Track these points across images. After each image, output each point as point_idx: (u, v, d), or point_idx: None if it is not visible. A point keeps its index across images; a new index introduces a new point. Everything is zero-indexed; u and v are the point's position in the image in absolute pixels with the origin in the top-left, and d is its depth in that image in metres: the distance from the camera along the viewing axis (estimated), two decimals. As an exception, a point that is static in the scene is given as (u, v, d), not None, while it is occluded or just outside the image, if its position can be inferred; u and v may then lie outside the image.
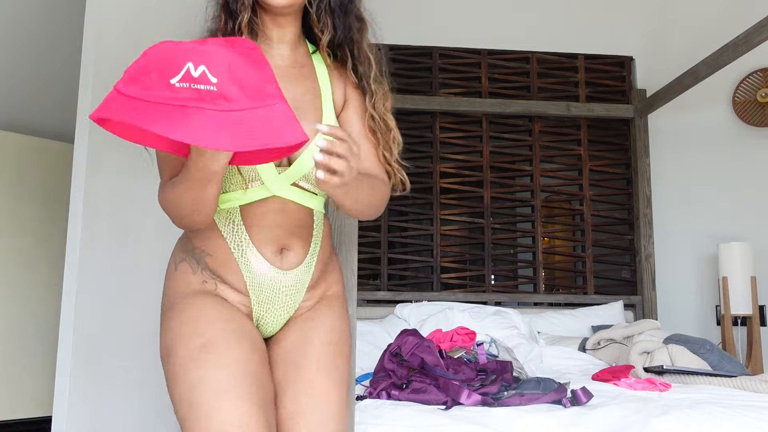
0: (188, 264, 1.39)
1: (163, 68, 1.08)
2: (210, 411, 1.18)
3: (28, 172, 3.89)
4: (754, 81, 3.78)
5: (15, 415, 3.71)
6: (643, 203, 3.88)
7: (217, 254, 1.35)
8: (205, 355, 1.23)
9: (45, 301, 3.91)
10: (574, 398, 1.90)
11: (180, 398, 1.23)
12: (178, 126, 1.00)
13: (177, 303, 1.34)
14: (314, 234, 1.41)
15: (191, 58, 1.07)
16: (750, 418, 1.77)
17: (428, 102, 3.86)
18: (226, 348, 1.25)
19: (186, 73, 1.06)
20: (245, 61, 1.09)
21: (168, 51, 1.10)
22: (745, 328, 3.49)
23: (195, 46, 1.09)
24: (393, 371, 2.11)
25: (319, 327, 1.41)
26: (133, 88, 1.09)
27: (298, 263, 1.38)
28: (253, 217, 1.34)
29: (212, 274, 1.36)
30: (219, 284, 1.36)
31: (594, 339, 3.12)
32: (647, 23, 4.15)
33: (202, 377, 1.21)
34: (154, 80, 1.08)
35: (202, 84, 1.05)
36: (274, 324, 1.41)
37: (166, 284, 1.42)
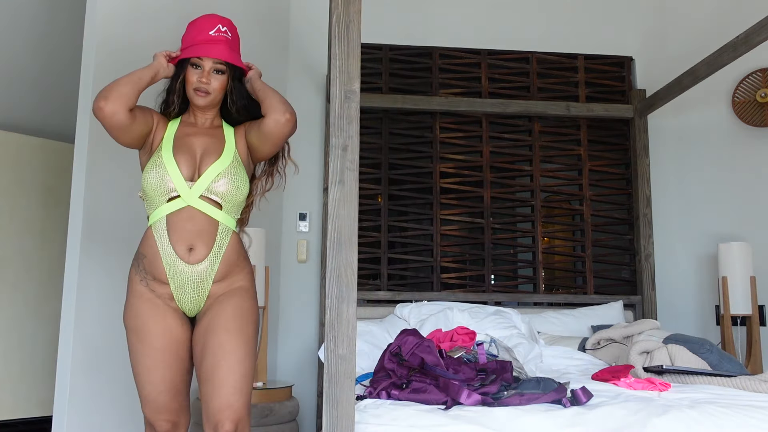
0: (134, 267, 2.04)
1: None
2: (143, 380, 1.98)
3: (28, 172, 3.89)
4: (753, 81, 3.78)
5: (15, 415, 3.71)
6: (643, 203, 3.88)
7: (149, 255, 1.99)
8: (140, 345, 1.97)
9: (45, 301, 3.91)
10: (573, 398, 1.90)
11: (131, 364, 2.01)
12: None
13: (128, 297, 2.03)
14: (217, 240, 2.00)
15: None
16: (749, 418, 1.77)
17: (428, 102, 3.86)
18: (149, 345, 1.96)
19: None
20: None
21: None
22: (745, 327, 3.49)
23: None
24: (393, 371, 2.11)
25: (227, 305, 1.98)
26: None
27: (202, 259, 1.98)
28: (171, 224, 1.97)
29: (145, 273, 2.00)
30: (150, 281, 2.00)
31: (594, 339, 3.12)
32: (647, 23, 4.16)
33: (138, 359, 1.98)
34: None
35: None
36: (191, 304, 2.01)
37: (128, 283, 2.07)
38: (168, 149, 2.01)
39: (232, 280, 2.03)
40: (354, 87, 1.74)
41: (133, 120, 1.96)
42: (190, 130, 2.08)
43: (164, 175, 1.97)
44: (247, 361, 1.93)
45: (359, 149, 1.74)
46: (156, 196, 1.98)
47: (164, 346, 1.97)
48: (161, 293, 1.99)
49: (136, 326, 1.98)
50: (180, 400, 2.02)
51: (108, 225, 2.99)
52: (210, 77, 2.02)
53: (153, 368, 1.96)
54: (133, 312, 1.99)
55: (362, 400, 1.94)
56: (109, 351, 2.94)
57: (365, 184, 3.84)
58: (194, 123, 2.11)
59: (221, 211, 2.00)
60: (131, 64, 3.10)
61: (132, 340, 1.99)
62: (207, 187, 1.98)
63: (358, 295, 3.71)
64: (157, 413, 1.99)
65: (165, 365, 1.96)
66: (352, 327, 1.65)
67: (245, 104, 2.10)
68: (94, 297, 2.90)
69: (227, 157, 2.03)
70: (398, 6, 4.08)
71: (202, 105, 2.06)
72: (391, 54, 4.01)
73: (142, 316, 1.98)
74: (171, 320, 1.99)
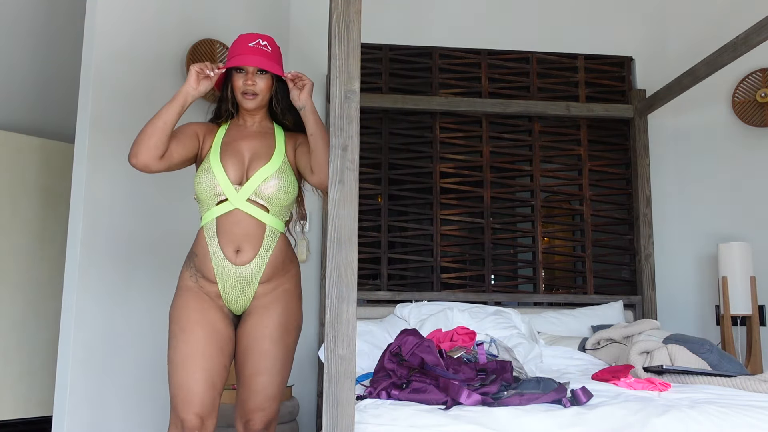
0: (186, 264, 2.13)
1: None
2: (179, 368, 1.98)
3: (28, 172, 3.89)
4: (753, 81, 3.78)
5: (15, 415, 3.71)
6: (643, 203, 3.88)
7: (200, 254, 2.08)
8: (181, 333, 2.01)
9: (45, 301, 3.91)
10: (573, 398, 1.90)
11: (168, 356, 2.02)
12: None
13: (177, 292, 2.11)
14: (264, 242, 2.08)
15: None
16: (749, 418, 1.77)
17: (428, 102, 3.86)
18: (191, 333, 2.00)
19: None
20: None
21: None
22: (745, 327, 3.49)
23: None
24: (393, 371, 2.11)
25: (273, 312, 2.08)
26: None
27: (249, 261, 2.06)
28: (221, 227, 2.06)
29: (196, 271, 2.09)
30: (199, 279, 2.09)
31: (594, 339, 3.12)
32: (647, 23, 4.15)
33: (177, 346, 2.00)
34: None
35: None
36: (237, 304, 2.09)
37: (179, 278, 2.15)
38: (216, 154, 2.09)
39: (278, 281, 2.11)
40: (354, 87, 1.74)
41: (170, 159, 2.07)
42: (239, 133, 2.17)
43: (212, 179, 2.05)
44: (284, 371, 2.08)
45: (359, 149, 1.74)
46: (206, 200, 2.08)
47: (206, 336, 2.00)
48: (209, 291, 2.08)
49: (180, 316, 2.03)
50: (213, 396, 2.00)
51: (108, 225, 2.99)
52: (255, 79, 2.13)
53: (192, 356, 1.97)
54: (180, 303, 2.05)
55: (362, 400, 1.94)
56: (109, 351, 2.94)
57: (365, 184, 3.84)
58: (243, 126, 2.20)
59: (268, 214, 2.08)
60: (131, 64, 3.11)
61: (174, 330, 2.02)
62: (254, 190, 2.06)
63: (358, 295, 3.71)
64: (188, 405, 1.95)
65: (204, 355, 1.98)
66: (352, 327, 1.65)
67: (290, 105, 2.20)
68: (94, 297, 2.90)
69: (276, 161, 2.11)
70: (398, 6, 4.08)
71: (251, 107, 2.16)
72: (391, 54, 4.01)
73: (188, 307, 2.03)
74: (215, 315, 2.05)
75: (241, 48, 2.13)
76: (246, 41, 2.14)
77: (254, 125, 2.20)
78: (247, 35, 2.16)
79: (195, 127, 2.18)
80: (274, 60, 2.16)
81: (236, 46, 2.15)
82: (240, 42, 2.15)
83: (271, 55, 2.16)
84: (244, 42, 2.14)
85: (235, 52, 2.14)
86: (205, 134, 2.17)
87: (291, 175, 2.12)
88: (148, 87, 3.19)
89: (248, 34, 2.16)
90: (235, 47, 2.15)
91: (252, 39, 2.15)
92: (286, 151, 2.16)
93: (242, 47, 2.13)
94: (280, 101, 2.19)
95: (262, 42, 2.15)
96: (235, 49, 2.14)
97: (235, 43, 2.16)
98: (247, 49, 2.12)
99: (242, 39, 2.15)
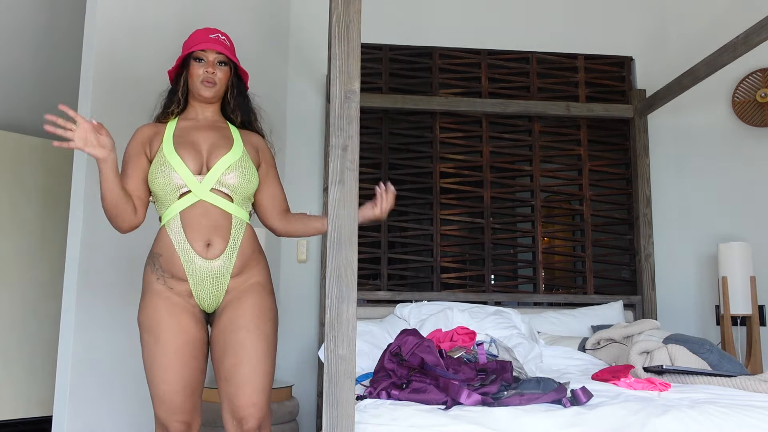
0: (150, 267, 2.03)
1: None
2: (157, 379, 1.95)
3: (28, 172, 3.89)
4: (753, 81, 3.78)
5: (15, 415, 3.71)
6: (643, 203, 3.88)
7: (165, 254, 2.00)
8: (155, 344, 1.96)
9: (45, 301, 3.90)
10: (573, 398, 1.90)
11: (144, 364, 1.99)
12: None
13: (144, 296, 2.03)
14: (232, 233, 2.02)
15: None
16: (749, 418, 1.77)
17: (428, 102, 3.86)
18: (165, 343, 1.96)
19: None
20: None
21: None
22: (745, 327, 3.49)
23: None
24: (393, 371, 2.11)
25: (245, 304, 2.01)
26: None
27: (219, 254, 2.00)
28: (186, 221, 1.99)
29: (163, 272, 2.00)
30: (168, 279, 2.00)
31: (594, 339, 3.12)
32: (647, 23, 4.16)
33: (153, 358, 1.96)
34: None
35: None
36: (210, 300, 2.03)
37: (143, 280, 2.07)
38: (169, 147, 2.02)
39: (249, 274, 2.06)
40: (354, 87, 1.74)
41: (143, 199, 2.06)
42: (191, 124, 2.12)
43: (170, 172, 1.98)
44: (267, 359, 1.99)
45: (359, 149, 1.75)
46: (165, 195, 2.01)
47: (180, 345, 1.96)
48: (180, 290, 2.00)
49: (151, 325, 1.97)
50: (194, 400, 2.01)
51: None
52: (215, 68, 2.11)
53: (169, 367, 1.94)
54: (149, 310, 1.99)
55: (362, 400, 1.94)
56: (109, 351, 2.94)
57: (365, 184, 3.84)
58: (195, 118, 2.15)
59: (233, 204, 2.03)
60: (131, 64, 3.11)
61: (147, 339, 1.98)
62: (218, 179, 2.01)
63: (358, 295, 3.71)
64: (171, 414, 1.96)
65: (181, 364, 1.95)
66: (352, 327, 1.65)
67: (243, 100, 2.20)
68: (94, 297, 2.90)
69: (237, 150, 2.07)
70: (398, 6, 4.08)
71: (209, 96, 2.11)
72: (391, 54, 4.01)
73: (158, 314, 1.97)
74: (187, 320, 1.99)
75: (200, 37, 2.12)
76: (206, 33, 2.15)
77: (207, 118, 2.16)
78: (205, 29, 2.17)
79: (135, 145, 2.09)
80: (232, 53, 2.17)
81: (195, 36, 2.14)
82: (199, 34, 2.15)
83: (230, 48, 2.18)
84: (204, 34, 2.14)
85: (194, 41, 2.13)
86: (151, 139, 2.10)
87: (252, 167, 2.08)
88: (148, 87, 3.19)
89: (206, 28, 2.17)
90: (194, 38, 2.14)
91: (212, 32, 2.16)
92: (245, 145, 2.13)
93: (202, 37, 2.12)
94: (234, 95, 2.18)
95: (221, 36, 2.16)
96: (194, 39, 2.14)
97: (193, 35, 2.16)
98: (207, 39, 2.11)
99: (201, 31, 2.16)
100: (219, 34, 2.15)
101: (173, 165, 1.99)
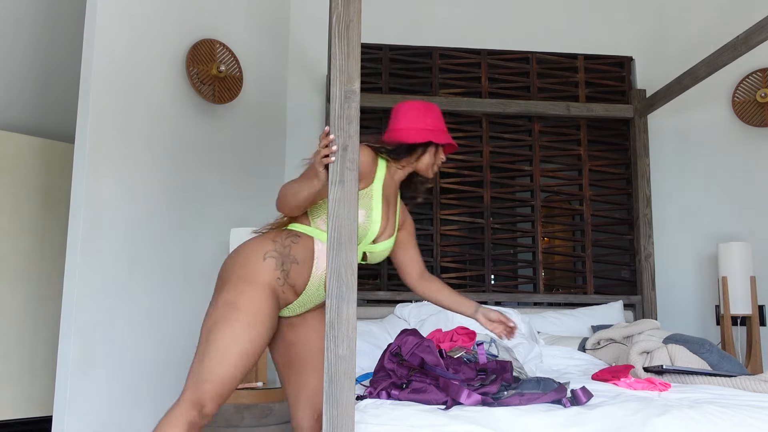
0: (275, 261, 1.97)
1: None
2: (232, 361, 1.86)
3: (28, 172, 3.89)
4: (753, 81, 3.78)
5: (15, 415, 3.71)
6: (643, 203, 3.88)
7: (301, 264, 1.99)
8: (250, 331, 1.89)
9: (45, 301, 3.90)
10: (573, 398, 1.90)
11: (220, 341, 1.87)
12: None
13: (256, 282, 1.94)
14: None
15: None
16: (749, 418, 1.77)
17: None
18: (258, 335, 1.91)
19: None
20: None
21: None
22: (745, 327, 3.49)
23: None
24: (393, 371, 2.11)
25: (317, 328, 2.13)
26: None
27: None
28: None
29: (287, 276, 1.98)
30: (285, 284, 1.98)
31: (594, 339, 3.12)
32: (647, 23, 4.15)
33: (239, 341, 1.87)
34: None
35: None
36: (290, 313, 2.08)
37: (250, 262, 1.98)
38: (378, 199, 2.06)
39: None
40: (354, 87, 1.74)
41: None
42: (390, 184, 2.17)
43: (368, 226, 2.03)
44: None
45: (359, 149, 1.74)
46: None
47: (265, 343, 1.95)
48: (285, 299, 2.02)
49: (251, 311, 1.90)
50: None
51: (108, 225, 2.99)
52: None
53: (249, 356, 1.89)
54: (255, 299, 1.92)
55: (362, 400, 1.94)
56: (109, 351, 2.94)
57: (365, 184, 3.83)
58: (391, 177, 2.18)
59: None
60: (131, 64, 3.11)
61: (239, 321, 1.89)
62: (374, 248, 2.11)
63: (358, 295, 3.71)
64: (219, 396, 1.88)
65: (256, 359, 1.93)
66: (352, 327, 1.65)
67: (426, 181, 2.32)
68: (94, 297, 2.90)
69: (394, 235, 2.19)
70: (398, 6, 4.08)
71: (430, 177, 2.25)
72: (391, 54, 4.01)
73: (262, 307, 1.92)
74: (276, 324, 2.02)
75: (442, 123, 2.20)
76: (441, 116, 2.22)
77: (397, 182, 2.21)
78: (438, 111, 2.21)
79: (368, 160, 2.06)
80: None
81: (436, 117, 2.18)
82: (438, 115, 2.20)
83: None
84: (441, 117, 2.21)
85: (439, 125, 2.18)
86: (370, 168, 2.07)
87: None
88: (148, 87, 3.19)
89: (437, 108, 2.21)
90: (436, 118, 2.18)
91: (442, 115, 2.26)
92: (399, 219, 2.25)
93: (442, 123, 2.20)
94: (424, 181, 2.30)
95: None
96: (438, 121, 2.19)
97: (432, 112, 2.18)
98: (446, 128, 2.22)
99: (438, 112, 2.20)
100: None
101: (374, 219, 2.03)
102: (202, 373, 1.85)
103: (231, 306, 1.90)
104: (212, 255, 3.44)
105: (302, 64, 4.00)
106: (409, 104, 2.18)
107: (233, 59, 3.52)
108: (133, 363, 3.04)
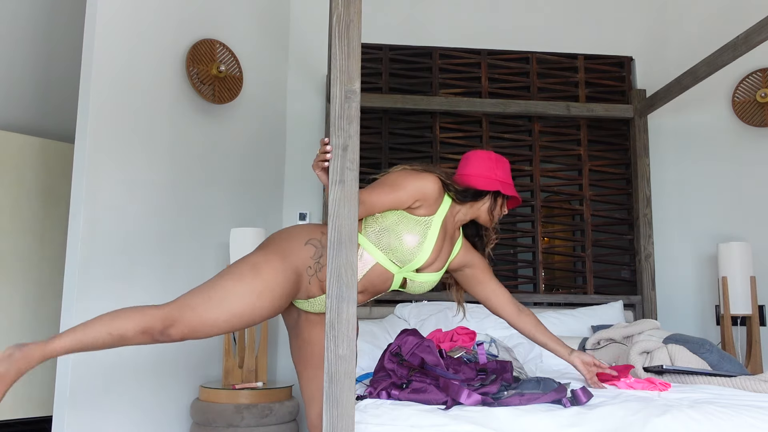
0: (314, 250, 2.01)
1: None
2: (240, 310, 1.89)
3: (28, 172, 3.89)
4: (753, 81, 3.78)
5: (15, 415, 3.71)
6: (643, 203, 3.88)
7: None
8: (262, 293, 1.91)
9: (45, 301, 3.91)
10: (573, 398, 1.90)
11: (236, 288, 1.90)
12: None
13: (287, 260, 1.97)
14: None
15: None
16: (749, 418, 1.77)
17: (428, 102, 3.86)
18: (281, 304, 1.96)
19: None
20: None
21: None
22: (745, 327, 3.49)
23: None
24: (393, 371, 2.11)
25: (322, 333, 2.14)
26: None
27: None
28: (370, 274, 2.09)
29: (318, 269, 2.01)
30: (315, 276, 2.01)
31: (594, 339, 3.12)
32: (647, 23, 4.16)
33: (251, 295, 1.90)
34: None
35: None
36: (311, 308, 2.10)
37: (293, 240, 2.03)
38: (435, 232, 2.10)
39: None
40: (354, 87, 1.74)
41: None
42: (450, 222, 2.20)
43: (417, 252, 2.07)
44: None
45: (359, 149, 1.74)
46: (397, 252, 2.08)
47: (264, 318, 1.97)
48: (308, 289, 2.05)
49: (269, 284, 1.92)
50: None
51: (108, 225, 2.99)
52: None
53: (242, 319, 1.90)
54: (281, 274, 1.95)
55: (362, 400, 1.94)
56: (108, 351, 2.94)
57: (365, 184, 3.83)
58: (452, 216, 2.21)
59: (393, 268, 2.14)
60: (131, 64, 3.11)
61: (253, 285, 1.91)
62: (414, 277, 2.14)
63: (358, 295, 3.71)
64: (190, 329, 1.87)
65: (244, 325, 1.94)
66: (352, 327, 1.65)
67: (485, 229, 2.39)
68: (94, 297, 2.90)
69: (443, 270, 2.21)
70: (398, 6, 4.08)
71: (490, 226, 2.33)
72: (391, 54, 4.01)
73: (282, 286, 1.95)
74: (287, 306, 2.06)
75: (510, 177, 2.27)
76: (509, 170, 2.29)
77: (457, 223, 2.26)
78: (508, 165, 2.29)
79: (424, 186, 2.10)
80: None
81: (506, 170, 2.26)
82: (508, 168, 2.28)
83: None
84: (509, 170, 2.28)
85: (510, 180, 2.26)
86: (436, 195, 2.11)
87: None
88: (148, 87, 3.19)
89: (508, 165, 2.29)
90: (506, 171, 2.26)
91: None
92: (453, 258, 2.28)
93: (510, 178, 2.28)
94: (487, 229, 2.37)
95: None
96: (507, 174, 2.26)
97: (503, 164, 2.26)
98: (516, 191, 2.27)
99: (507, 165, 2.28)
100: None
101: (425, 249, 2.07)
102: (193, 301, 1.87)
103: (253, 268, 1.93)
104: (212, 255, 3.44)
105: (302, 64, 4.00)
106: (482, 153, 2.25)
107: (233, 59, 3.52)
108: (134, 362, 3.04)
